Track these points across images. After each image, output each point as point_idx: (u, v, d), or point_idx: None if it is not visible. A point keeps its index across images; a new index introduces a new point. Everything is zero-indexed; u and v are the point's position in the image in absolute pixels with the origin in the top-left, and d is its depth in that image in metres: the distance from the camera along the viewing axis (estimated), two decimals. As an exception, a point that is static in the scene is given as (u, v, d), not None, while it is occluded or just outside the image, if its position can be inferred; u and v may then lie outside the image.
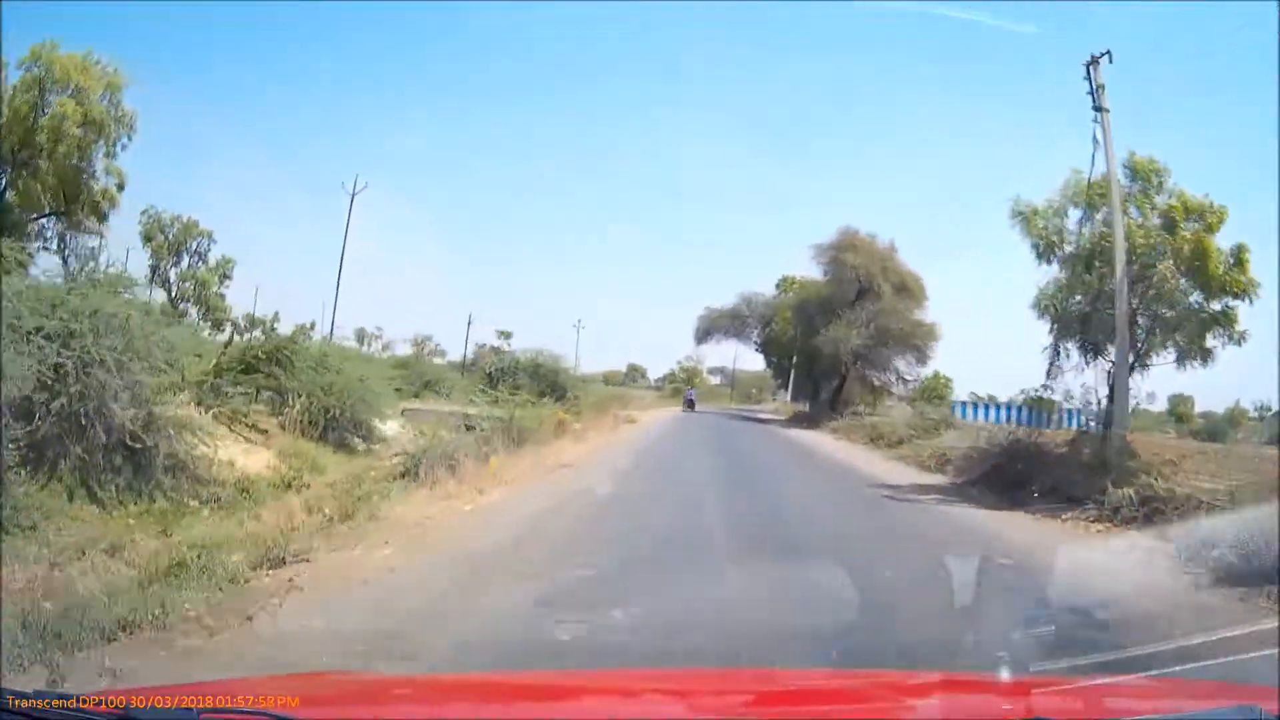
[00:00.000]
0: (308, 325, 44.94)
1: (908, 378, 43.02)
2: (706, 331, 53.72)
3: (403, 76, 64.21)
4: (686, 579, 7.14)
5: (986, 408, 44.45)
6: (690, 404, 52.81)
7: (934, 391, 44.76)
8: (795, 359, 48.69)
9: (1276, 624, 2.84)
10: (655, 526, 10.11)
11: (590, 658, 4.98)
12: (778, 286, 53.07)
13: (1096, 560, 8.91)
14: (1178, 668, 2.62)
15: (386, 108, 67.96)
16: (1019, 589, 6.95)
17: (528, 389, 32.39)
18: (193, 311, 43.49)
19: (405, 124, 70.64)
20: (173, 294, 44.20)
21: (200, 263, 45.34)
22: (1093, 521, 11.71)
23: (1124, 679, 2.61)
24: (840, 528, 11.09)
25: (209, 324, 42.79)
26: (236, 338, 25.43)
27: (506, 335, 56.08)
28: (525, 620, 5.82)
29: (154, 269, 43.29)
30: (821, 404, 43.90)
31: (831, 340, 39.43)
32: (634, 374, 71.75)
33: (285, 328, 51.69)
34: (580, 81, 67.90)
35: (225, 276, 46.03)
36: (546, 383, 34.68)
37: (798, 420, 42.52)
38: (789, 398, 56.39)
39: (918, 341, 41.04)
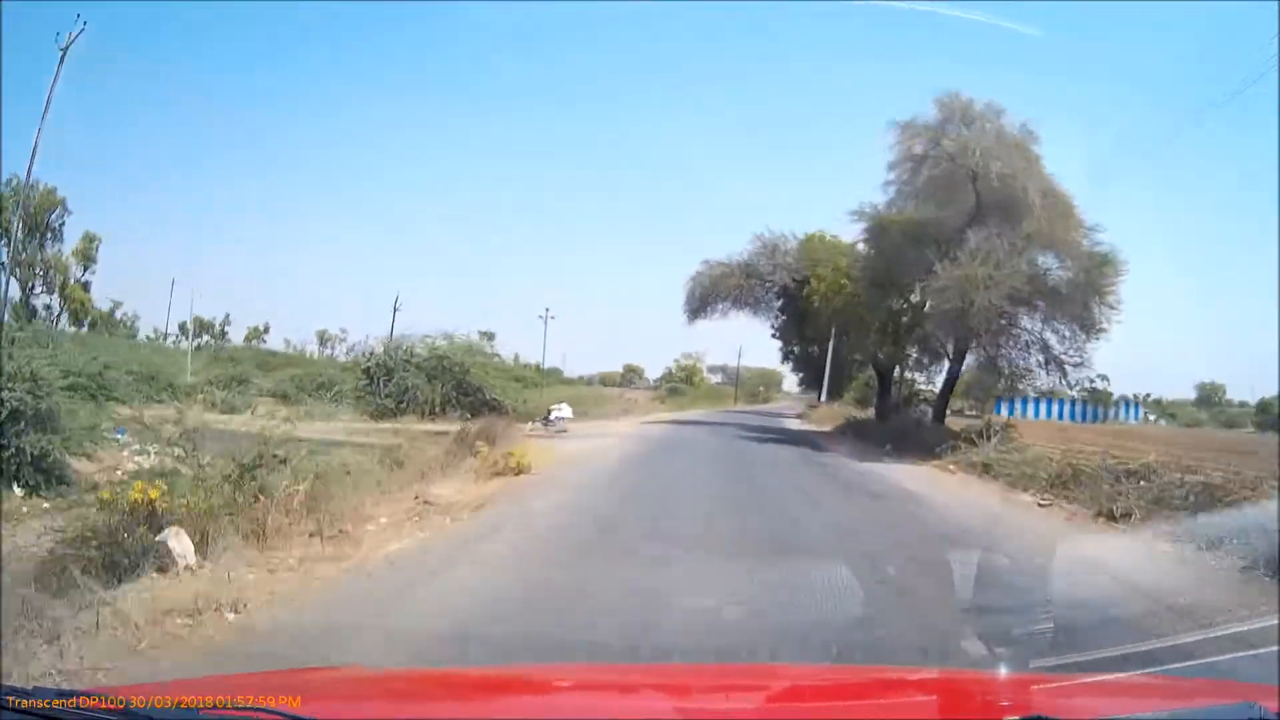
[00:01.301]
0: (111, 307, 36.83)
1: (1070, 361, 24.21)
2: (704, 300, 33.88)
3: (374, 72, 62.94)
4: None
5: (1036, 402, 34.66)
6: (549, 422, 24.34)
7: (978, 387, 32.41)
8: (845, 335, 31.29)
9: (1276, 621, 2.85)
10: None
11: None
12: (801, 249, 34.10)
13: None
14: (1177, 665, 2.63)
15: (373, 105, 67.08)
16: None
17: (424, 391, 23.51)
18: (55, 305, 36.18)
19: (394, 122, 69.67)
20: (25, 283, 35.83)
21: (56, 243, 36.40)
22: None
23: (1123, 676, 2.61)
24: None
25: (67, 320, 35.16)
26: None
27: (489, 336, 49.85)
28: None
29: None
30: (892, 407, 30.53)
31: (956, 287, 21.41)
32: (631, 374, 70.74)
33: (237, 332, 46.99)
34: (568, 75, 66.56)
35: (89, 260, 37.03)
36: (452, 383, 24.24)
37: (859, 436, 26.69)
38: (822, 396, 40.90)
39: (1090, 296, 22.60)
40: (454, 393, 24.48)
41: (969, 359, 26.44)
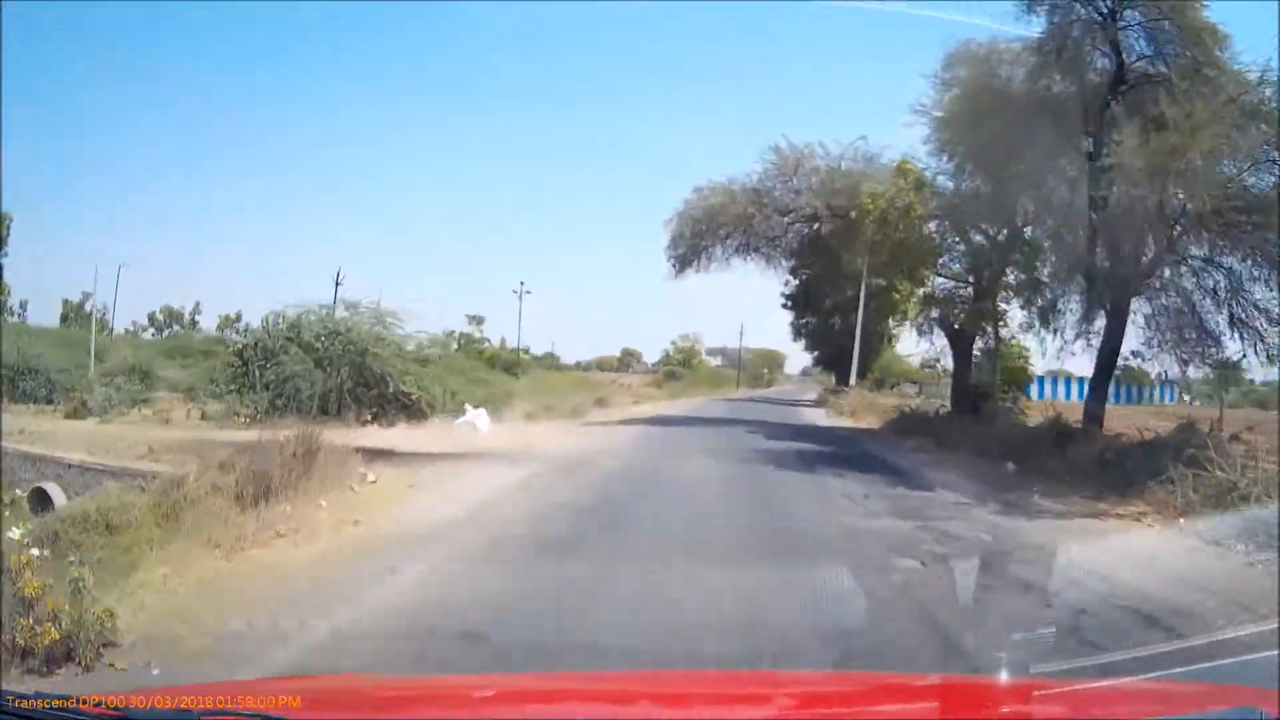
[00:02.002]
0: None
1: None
2: (695, 241, 24.58)
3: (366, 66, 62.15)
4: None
5: (1067, 382, 28.84)
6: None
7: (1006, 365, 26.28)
8: (881, 296, 23.96)
9: (1276, 624, 2.87)
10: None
11: None
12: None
13: None
14: (1179, 669, 2.63)
15: (367, 102, 66.26)
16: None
17: (311, 382, 17.39)
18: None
19: (389, 120, 68.82)
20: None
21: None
22: None
23: (1124, 681, 2.61)
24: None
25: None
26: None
27: (478, 320, 42.96)
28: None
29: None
30: (977, 395, 21.11)
31: (1155, 168, 13.08)
32: (628, 359, 70.24)
33: (208, 321, 42.12)
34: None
35: (-1, 242, 34.89)
36: (348, 367, 17.52)
37: (938, 443, 18.03)
38: (851, 377, 31.00)
39: None
40: (352, 383, 18.05)
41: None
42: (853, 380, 31.23)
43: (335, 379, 17.22)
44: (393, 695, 2.82)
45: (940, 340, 23.72)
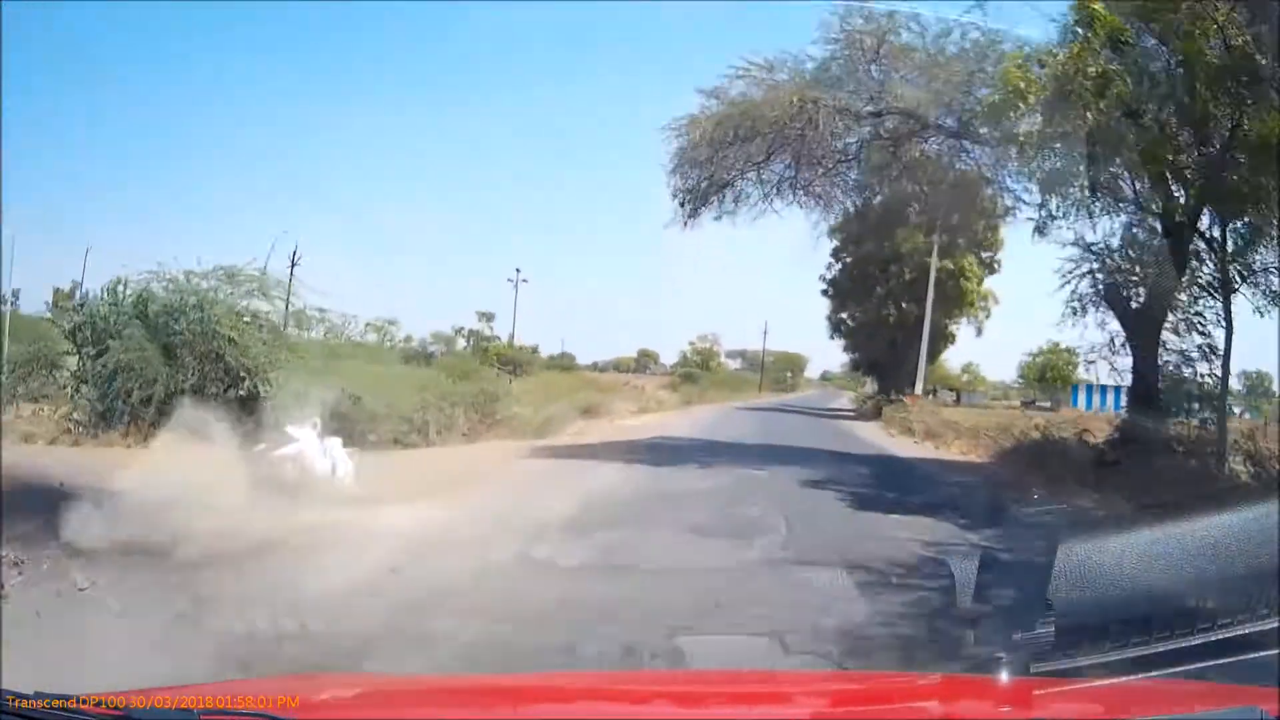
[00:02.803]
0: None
1: None
2: (714, 167, 16.11)
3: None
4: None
5: (1103, 390, 25.80)
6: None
7: (1053, 373, 26.06)
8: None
9: (1277, 624, 2.84)
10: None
11: None
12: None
13: None
14: (1178, 669, 2.62)
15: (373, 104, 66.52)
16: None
17: (155, 375, 12.87)
18: None
19: (390, 120, 68.61)
20: None
21: None
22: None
23: (1125, 680, 2.56)
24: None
25: None
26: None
27: (488, 316, 42.26)
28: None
29: None
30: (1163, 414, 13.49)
31: None
32: (645, 360, 69.55)
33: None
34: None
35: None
36: (197, 358, 13.28)
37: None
38: (917, 384, 27.19)
39: None
40: (213, 379, 13.39)
41: None
42: (918, 387, 26.04)
43: (183, 374, 13.07)
44: (393, 695, 2.84)
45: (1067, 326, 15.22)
